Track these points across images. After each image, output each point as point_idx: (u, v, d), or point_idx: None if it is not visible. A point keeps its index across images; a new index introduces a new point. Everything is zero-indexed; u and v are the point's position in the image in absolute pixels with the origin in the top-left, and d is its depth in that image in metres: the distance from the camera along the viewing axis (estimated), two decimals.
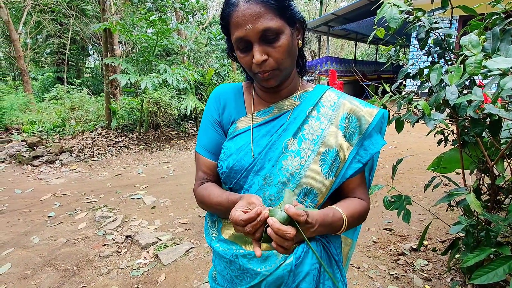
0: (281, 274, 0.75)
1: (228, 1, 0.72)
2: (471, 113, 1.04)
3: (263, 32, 0.68)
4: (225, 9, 0.72)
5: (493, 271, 1.10)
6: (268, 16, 0.68)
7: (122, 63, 6.40)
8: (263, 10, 0.68)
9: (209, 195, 0.81)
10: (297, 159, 0.76)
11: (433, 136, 1.69)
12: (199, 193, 0.85)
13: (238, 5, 0.69)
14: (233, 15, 0.70)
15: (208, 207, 0.83)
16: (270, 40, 0.70)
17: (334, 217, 0.71)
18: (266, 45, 0.70)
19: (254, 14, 0.67)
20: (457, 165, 1.70)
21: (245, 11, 0.68)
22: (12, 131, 7.58)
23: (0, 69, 13.71)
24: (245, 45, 0.71)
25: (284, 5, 0.70)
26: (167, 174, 4.81)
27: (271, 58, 0.71)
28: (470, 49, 0.75)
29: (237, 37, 0.71)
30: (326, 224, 0.68)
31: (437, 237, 2.60)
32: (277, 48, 0.70)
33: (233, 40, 0.73)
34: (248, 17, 0.68)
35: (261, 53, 0.70)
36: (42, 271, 2.35)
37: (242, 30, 0.69)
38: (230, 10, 0.71)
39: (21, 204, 3.70)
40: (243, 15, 0.68)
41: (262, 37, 0.69)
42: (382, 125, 0.85)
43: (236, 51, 0.75)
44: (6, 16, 8.58)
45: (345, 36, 15.14)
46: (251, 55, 0.72)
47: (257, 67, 0.72)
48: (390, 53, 1.59)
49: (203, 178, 0.87)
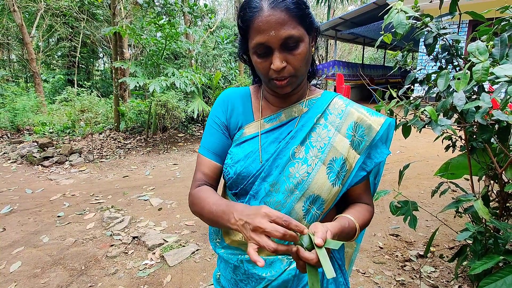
0: (285, 279, 0.76)
1: (250, 5, 0.70)
2: (479, 119, 1.04)
3: (285, 39, 0.68)
4: (247, 13, 0.70)
5: (502, 279, 1.09)
6: (291, 24, 0.68)
7: (131, 66, 6.50)
8: (287, 18, 0.67)
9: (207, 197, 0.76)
10: (304, 166, 0.76)
11: (441, 142, 1.68)
12: (196, 195, 0.79)
13: (262, 10, 0.68)
14: (256, 20, 0.68)
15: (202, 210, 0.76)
16: (290, 48, 0.69)
17: (349, 228, 0.71)
18: (286, 52, 0.70)
19: (278, 21, 0.67)
20: (465, 171, 1.68)
21: (269, 17, 0.67)
22: (23, 132, 7.74)
23: (12, 71, 14.02)
24: (264, 51, 0.71)
25: (305, 13, 0.70)
26: (174, 176, 4.85)
27: (289, 65, 0.71)
28: (477, 56, 0.75)
29: (258, 42, 0.69)
30: (342, 236, 0.68)
31: (444, 244, 2.57)
32: (296, 55, 0.70)
33: (252, 45, 0.71)
34: (272, 24, 0.67)
35: (281, 60, 0.69)
36: (51, 270, 2.39)
37: (264, 36, 0.68)
38: (252, 14, 0.69)
39: (31, 203, 3.77)
40: (267, 21, 0.67)
41: (283, 44, 0.69)
42: (389, 133, 0.84)
43: (252, 55, 0.74)
44: (20, 20, 8.80)
45: (353, 40, 15.11)
46: (269, 61, 0.71)
47: (275, 73, 0.72)
48: (398, 58, 1.59)
49: (201, 180, 0.83)
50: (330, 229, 0.62)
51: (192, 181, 0.85)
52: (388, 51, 1.76)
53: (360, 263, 2.37)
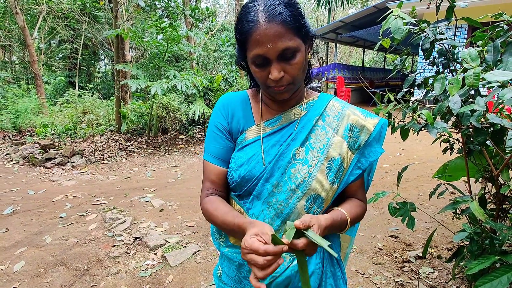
0: (289, 275, 0.80)
1: (247, 19, 0.72)
2: (474, 122, 1.07)
3: (282, 51, 0.70)
4: (244, 26, 0.72)
5: (497, 278, 1.11)
6: (288, 36, 0.70)
7: (133, 68, 6.55)
8: (283, 30, 0.70)
9: (214, 210, 0.80)
10: (305, 167, 0.80)
11: (439, 144, 1.71)
12: (204, 206, 0.84)
13: (259, 24, 0.70)
14: (254, 33, 0.71)
15: (212, 221, 0.82)
16: (287, 58, 0.72)
17: (341, 220, 0.76)
18: (283, 62, 0.73)
19: (275, 34, 0.69)
20: (463, 173, 1.71)
21: (266, 31, 0.69)
22: (25, 133, 7.78)
23: (14, 73, 14.09)
24: (262, 61, 0.73)
25: (301, 24, 0.73)
26: (175, 177, 4.88)
27: (287, 74, 0.74)
28: (469, 62, 0.78)
29: (256, 54, 0.72)
30: (333, 227, 0.73)
31: (443, 245, 2.60)
32: (294, 65, 0.73)
33: (250, 55, 0.74)
34: (270, 36, 0.69)
35: (279, 71, 0.72)
36: (54, 270, 2.42)
37: (262, 48, 0.70)
38: (249, 27, 0.71)
39: (34, 204, 3.80)
40: (264, 34, 0.69)
41: (280, 55, 0.71)
42: (382, 133, 0.88)
43: (250, 65, 0.77)
44: (22, 22, 8.87)
45: (353, 43, 15.17)
46: (267, 70, 0.74)
47: (273, 82, 0.75)
48: (396, 62, 1.63)
49: (210, 188, 0.87)
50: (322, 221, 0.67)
51: (201, 189, 0.89)
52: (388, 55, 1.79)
53: (360, 264, 2.39)
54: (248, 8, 0.73)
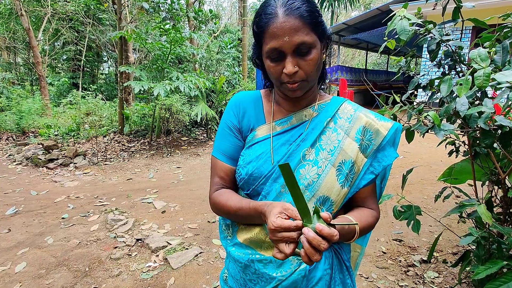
0: (295, 279, 0.78)
1: (266, 11, 0.73)
2: (482, 125, 1.05)
3: (298, 45, 0.71)
4: (262, 19, 0.73)
5: (505, 284, 1.09)
6: (304, 30, 0.71)
7: (136, 70, 6.57)
8: (300, 24, 0.70)
9: (227, 200, 0.81)
10: (315, 168, 0.79)
11: (444, 147, 1.69)
12: (215, 198, 0.84)
13: (277, 16, 0.71)
14: (271, 26, 0.71)
15: (225, 213, 0.82)
16: (302, 53, 0.72)
17: (349, 229, 0.73)
18: (298, 57, 0.73)
19: (292, 28, 0.70)
20: (469, 176, 1.69)
21: (283, 24, 0.70)
22: (29, 134, 7.82)
23: (18, 74, 14.20)
24: (277, 55, 0.74)
25: (318, 21, 0.74)
26: (178, 179, 4.88)
27: (301, 70, 0.74)
28: (478, 62, 0.77)
29: (272, 47, 0.72)
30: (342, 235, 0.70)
31: (448, 249, 2.56)
32: (308, 61, 0.73)
33: (266, 49, 0.74)
34: (286, 30, 0.70)
35: (293, 65, 0.73)
36: (55, 271, 2.41)
37: (278, 41, 0.71)
38: (267, 20, 0.72)
39: (36, 205, 3.80)
40: (281, 27, 0.70)
41: (296, 50, 0.72)
42: (396, 137, 0.86)
43: (265, 60, 0.77)
44: (27, 24, 8.94)
45: (356, 45, 15.17)
46: (282, 65, 0.74)
47: (287, 77, 0.74)
48: (401, 64, 1.61)
49: (219, 184, 0.87)
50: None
51: (210, 185, 0.89)
52: (392, 57, 1.78)
53: (364, 268, 2.36)
54: (267, 2, 0.75)
